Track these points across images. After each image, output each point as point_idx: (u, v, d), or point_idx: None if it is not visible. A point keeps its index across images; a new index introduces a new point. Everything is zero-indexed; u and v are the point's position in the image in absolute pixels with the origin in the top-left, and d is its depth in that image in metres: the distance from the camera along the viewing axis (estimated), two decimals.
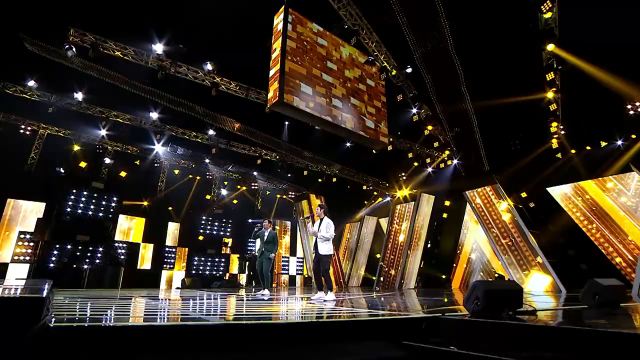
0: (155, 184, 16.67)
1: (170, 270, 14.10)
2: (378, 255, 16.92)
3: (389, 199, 17.50)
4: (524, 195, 11.89)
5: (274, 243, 8.74)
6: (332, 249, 6.67)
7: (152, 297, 6.75)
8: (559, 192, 11.50)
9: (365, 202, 18.27)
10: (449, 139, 10.90)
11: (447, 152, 12.72)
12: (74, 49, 9.07)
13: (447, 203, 14.20)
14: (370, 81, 11.60)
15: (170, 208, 15.67)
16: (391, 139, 11.53)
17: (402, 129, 12.47)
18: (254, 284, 14.98)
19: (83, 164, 12.47)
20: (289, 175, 15.63)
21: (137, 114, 13.00)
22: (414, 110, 11.17)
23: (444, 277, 13.54)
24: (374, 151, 12.99)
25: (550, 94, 8.89)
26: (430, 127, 11.22)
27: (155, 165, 16.79)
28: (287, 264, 17.65)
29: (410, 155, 13.22)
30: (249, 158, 14.83)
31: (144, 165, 15.96)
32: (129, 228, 13.67)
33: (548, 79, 8.32)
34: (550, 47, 7.74)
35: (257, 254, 8.80)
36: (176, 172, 17.06)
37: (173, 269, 14.18)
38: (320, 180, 15.48)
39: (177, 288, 12.80)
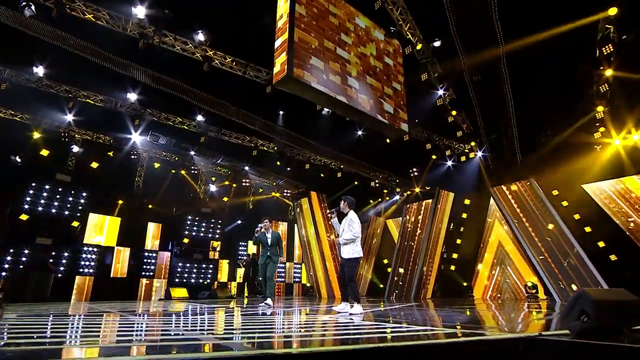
0: (132, 178, 15.36)
1: (149, 278, 12.85)
2: (386, 261, 16.06)
3: (397, 197, 16.65)
4: (555, 193, 11.13)
5: (278, 245, 7.78)
6: (359, 250, 5.78)
7: (122, 312, 5.62)
8: (597, 189, 10.80)
9: (371, 200, 17.35)
10: (479, 126, 10.05)
11: (472, 144, 11.88)
12: (32, 8, 7.80)
13: (466, 202, 13.39)
14: (387, 59, 10.68)
15: (150, 206, 14.42)
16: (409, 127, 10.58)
17: (420, 116, 11.56)
18: (247, 294, 13.91)
19: (45, 152, 11.11)
20: (288, 169, 14.56)
21: (111, 95, 11.69)
22: (440, 92, 10.27)
23: (465, 284, 12.72)
24: (387, 140, 12.07)
25: (606, 71, 8.11)
26: (454, 113, 10.34)
27: (132, 157, 15.48)
28: (283, 270, 16.58)
29: (428, 146, 12.35)
30: (243, 149, 13.70)
31: (118, 157, 14.62)
32: (101, 229, 12.37)
33: (605, 53, 7.53)
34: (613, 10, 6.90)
35: (260, 260, 7.76)
36: (157, 165, 15.78)
37: (153, 277, 12.94)
38: (322, 175, 14.47)
39: (160, 299, 11.59)
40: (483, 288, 12.70)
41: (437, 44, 9.12)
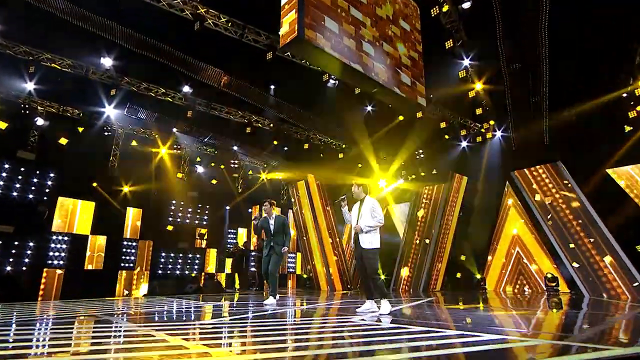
0: (107, 157, 14.23)
1: (129, 270, 11.99)
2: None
3: (401, 180, 16.08)
4: (577, 177, 10.72)
5: (284, 232, 7.01)
6: (379, 239, 5.30)
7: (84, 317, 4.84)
8: (623, 174, 10.44)
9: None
10: (506, 101, 9.42)
11: (491, 122, 11.31)
12: None
13: (480, 186, 12.93)
14: (404, 23, 9.89)
15: (127, 189, 13.39)
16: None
17: (436, 91, 10.86)
18: (238, 286, 13.24)
19: (2, 125, 9.92)
20: (285, 148, 13.72)
21: (81, 59, 10.47)
22: (466, 62, 9.56)
23: (478, 276, 12.37)
24: (400, 117, 11.37)
25: None
26: (481, 86, 9.66)
27: (106, 133, 14.30)
28: None
29: (442, 125, 11.72)
30: (234, 126, 12.75)
31: (90, 134, 13.45)
32: (72, 215, 11.35)
33: None
34: None
35: (264, 250, 7.00)
36: (134, 143, 14.66)
37: (134, 269, 12.08)
38: (322, 155, 13.71)
39: (144, 296, 10.76)
40: (496, 280, 12.38)
41: (466, 5, 8.35)
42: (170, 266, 12.95)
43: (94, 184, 12.45)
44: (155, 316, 5.09)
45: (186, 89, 11.19)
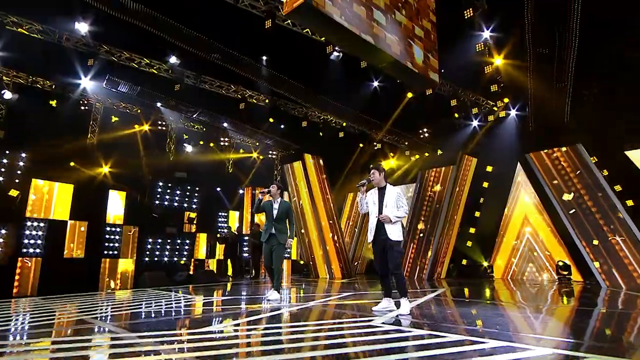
0: (84, 135, 13.52)
1: (113, 258, 11.51)
2: None
3: (402, 160, 15.78)
4: (594, 160, 10.51)
5: (289, 220, 6.63)
6: (402, 231, 5.17)
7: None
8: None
9: (372, 165, 16.35)
10: (528, 75, 8.96)
11: (505, 100, 10.93)
12: None
13: (489, 169, 12.68)
14: None
15: (107, 170, 12.80)
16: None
17: (447, 65, 10.37)
18: (230, 273, 12.96)
19: None
20: (282, 126, 13.17)
21: (54, 24, 9.64)
22: (486, 34, 9.05)
23: (485, 264, 12.28)
24: (409, 95, 10.90)
25: None
26: (500, 58, 9.19)
27: (83, 108, 13.54)
28: None
29: (453, 102, 11.30)
30: (226, 101, 12.12)
31: (64, 108, 12.71)
32: (49, 199, 10.74)
33: None
34: None
35: (263, 237, 6.63)
36: (114, 119, 13.94)
37: (118, 257, 11.61)
38: (322, 134, 13.22)
39: (133, 290, 10.32)
40: (504, 267, 12.32)
41: None
42: (157, 253, 12.50)
43: (72, 164, 11.82)
44: (148, 321, 4.72)
45: (173, 59, 10.47)
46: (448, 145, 13.09)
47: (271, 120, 12.42)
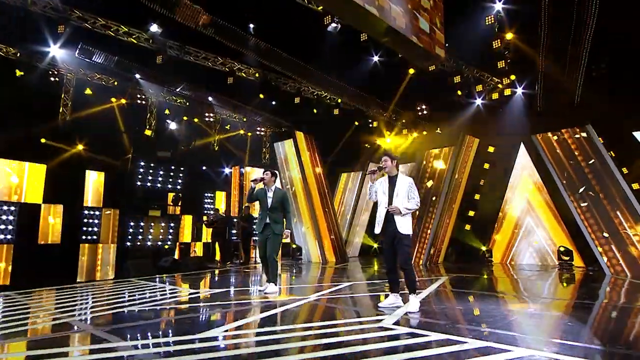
0: (56, 109, 12.82)
1: (92, 243, 11.15)
2: None
3: (399, 138, 15.53)
4: (601, 141, 10.42)
5: (283, 208, 6.40)
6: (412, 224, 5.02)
7: None
8: None
9: (367, 144, 16.10)
10: (540, 50, 8.64)
11: (512, 77, 10.66)
12: None
13: (490, 149, 12.55)
14: None
15: (82, 148, 12.21)
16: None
17: (452, 40, 10.00)
18: (218, 257, 12.75)
19: None
20: (273, 103, 12.70)
21: None
22: (498, 6, 8.66)
23: (483, 248, 12.32)
24: (411, 71, 10.54)
25: None
26: (511, 36, 8.87)
27: (53, 79, 12.78)
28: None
29: (456, 79, 10.99)
30: (212, 75, 11.53)
31: (32, 79, 11.96)
32: (19, 181, 10.20)
33: None
34: None
35: (257, 227, 6.41)
36: (89, 92, 13.23)
37: (98, 242, 11.25)
38: (315, 111, 12.81)
39: (115, 281, 9.99)
40: (503, 252, 12.39)
41: None
42: (140, 237, 12.17)
43: (43, 140, 11.22)
44: (134, 324, 4.47)
45: (154, 28, 9.79)
46: (449, 124, 12.86)
47: (261, 96, 11.92)
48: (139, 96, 14.26)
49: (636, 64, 9.31)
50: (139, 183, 12.13)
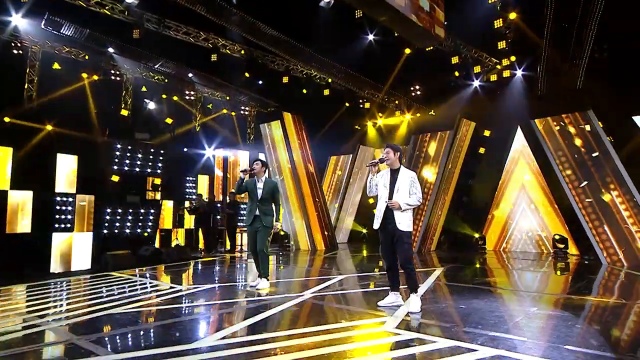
0: (20, 85, 12.13)
1: (67, 232, 10.76)
2: (371, 201, 15.35)
3: (391, 121, 15.35)
4: (601, 125, 10.41)
5: (274, 200, 6.29)
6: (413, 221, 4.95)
7: None
8: None
9: (357, 126, 15.89)
10: (546, 29, 8.43)
11: (512, 58, 10.50)
12: None
13: (486, 133, 12.49)
14: None
15: (50, 127, 11.61)
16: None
17: (450, 17, 9.73)
18: (202, 246, 12.53)
19: None
20: (260, 82, 12.27)
21: None
22: None
23: (477, 235, 12.38)
24: (407, 51, 10.26)
25: None
26: (514, 15, 8.64)
27: (16, 52, 12.04)
28: (244, 213, 15.19)
29: (454, 60, 10.77)
30: (193, 51, 11.02)
31: None
32: None
33: None
34: None
35: (246, 220, 6.28)
36: (57, 67, 12.53)
37: (72, 231, 10.86)
38: (305, 91, 12.45)
39: (93, 277, 9.66)
40: (496, 239, 12.50)
41: None
42: (117, 224, 11.80)
43: (6, 119, 10.59)
44: (115, 332, 4.25)
45: None
46: (444, 106, 12.72)
47: (247, 74, 11.47)
48: (113, 72, 13.63)
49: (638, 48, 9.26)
50: (115, 167, 11.70)
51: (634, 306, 5.28)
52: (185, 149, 14.71)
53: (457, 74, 11.43)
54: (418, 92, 13.74)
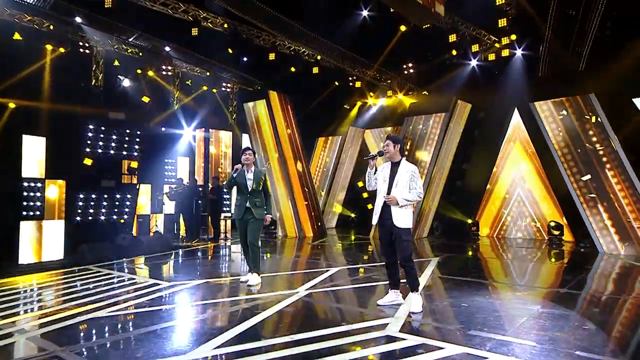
0: None
1: (36, 220, 10.39)
2: (360, 184, 15.31)
3: (382, 101, 15.17)
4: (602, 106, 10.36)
5: (264, 191, 6.20)
6: (411, 216, 4.87)
7: None
8: None
9: (346, 105, 15.65)
10: (550, 9, 8.27)
11: (512, 37, 10.36)
12: None
13: (482, 115, 12.47)
14: None
15: (13, 105, 11.04)
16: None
17: None
18: (183, 234, 12.31)
19: None
20: (245, 59, 11.85)
21: None
22: None
23: (470, 221, 12.49)
24: (402, 28, 10.01)
25: None
26: None
27: None
28: (228, 198, 14.97)
29: (452, 38, 10.58)
30: (174, 23, 10.52)
31: None
32: None
33: None
34: None
35: (236, 214, 6.13)
36: (17, 37, 11.83)
37: (42, 219, 10.48)
38: (293, 69, 12.13)
39: (67, 272, 9.32)
40: (490, 225, 12.64)
41: None
42: (91, 211, 11.47)
43: None
44: (92, 343, 4.09)
45: None
46: (439, 87, 12.58)
47: (230, 50, 11.05)
48: (81, 44, 12.98)
49: None
50: (88, 150, 11.28)
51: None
52: (163, 129, 14.29)
53: (454, 52, 11.24)
54: (411, 71, 13.54)
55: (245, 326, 4.17)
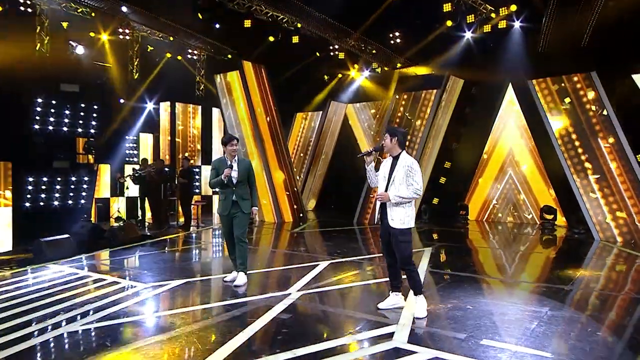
0: None
1: None
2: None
3: (366, 73, 14.88)
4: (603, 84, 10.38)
5: (250, 182, 6.01)
6: (413, 215, 4.75)
7: None
8: None
9: (326, 76, 15.31)
10: None
11: (512, 8, 10.22)
12: None
13: (473, 92, 12.44)
14: None
15: None
16: None
17: None
18: (149, 220, 11.91)
19: None
20: (218, 26, 11.23)
21: None
22: None
23: (458, 204, 12.58)
24: None
25: None
26: None
27: None
28: (198, 177, 14.52)
29: (447, 7, 10.35)
30: None
31: None
32: None
33: None
34: None
35: (221, 209, 5.90)
36: None
37: None
38: (272, 39, 11.66)
39: (19, 272, 8.77)
40: (479, 208, 12.78)
41: None
42: (43, 195, 10.90)
43: None
44: None
45: None
46: (431, 60, 12.39)
47: (200, 16, 10.43)
48: (22, 1, 12.06)
49: None
50: (37, 127, 10.61)
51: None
52: (121, 101, 13.60)
53: (449, 23, 11.01)
54: (398, 41, 13.24)
55: (238, 341, 3.95)
